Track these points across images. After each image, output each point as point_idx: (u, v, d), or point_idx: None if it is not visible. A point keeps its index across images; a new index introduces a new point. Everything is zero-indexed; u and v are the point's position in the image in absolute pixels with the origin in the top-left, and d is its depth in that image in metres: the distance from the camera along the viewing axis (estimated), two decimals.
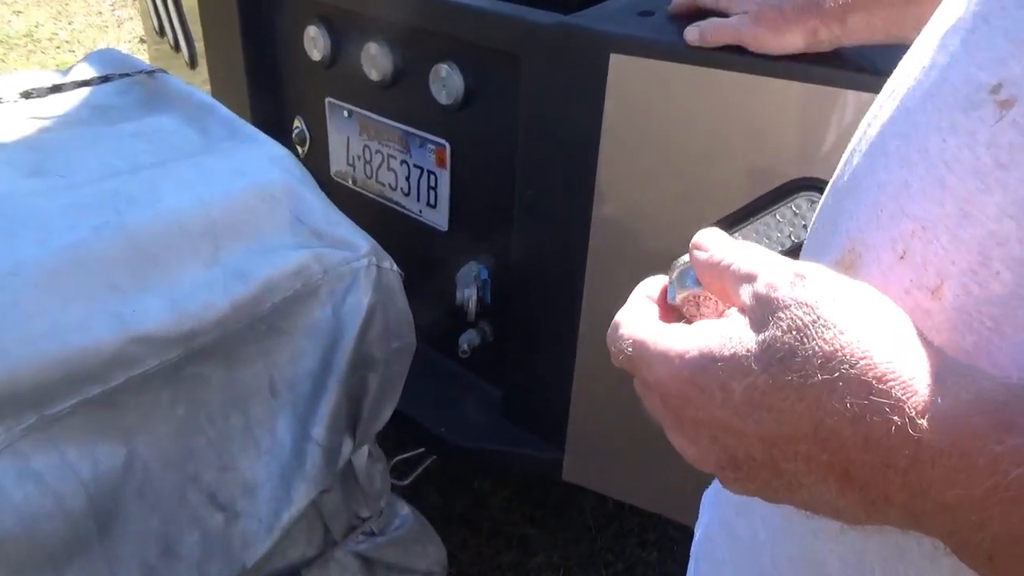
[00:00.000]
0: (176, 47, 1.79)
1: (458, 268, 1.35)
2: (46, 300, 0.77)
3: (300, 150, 1.61)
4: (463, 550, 1.65)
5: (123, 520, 0.84)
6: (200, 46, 1.68)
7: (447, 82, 1.23)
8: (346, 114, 1.45)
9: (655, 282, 0.41)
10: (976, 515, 0.25)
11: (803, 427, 0.29)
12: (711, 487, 0.58)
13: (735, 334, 0.31)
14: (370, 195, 1.47)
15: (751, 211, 0.98)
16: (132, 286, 0.82)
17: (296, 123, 1.59)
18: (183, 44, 1.75)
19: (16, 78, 1.11)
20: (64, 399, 0.78)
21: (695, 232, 0.37)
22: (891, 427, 0.27)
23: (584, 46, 1.02)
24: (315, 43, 1.42)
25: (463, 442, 1.35)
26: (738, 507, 0.48)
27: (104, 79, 1.13)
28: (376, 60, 1.31)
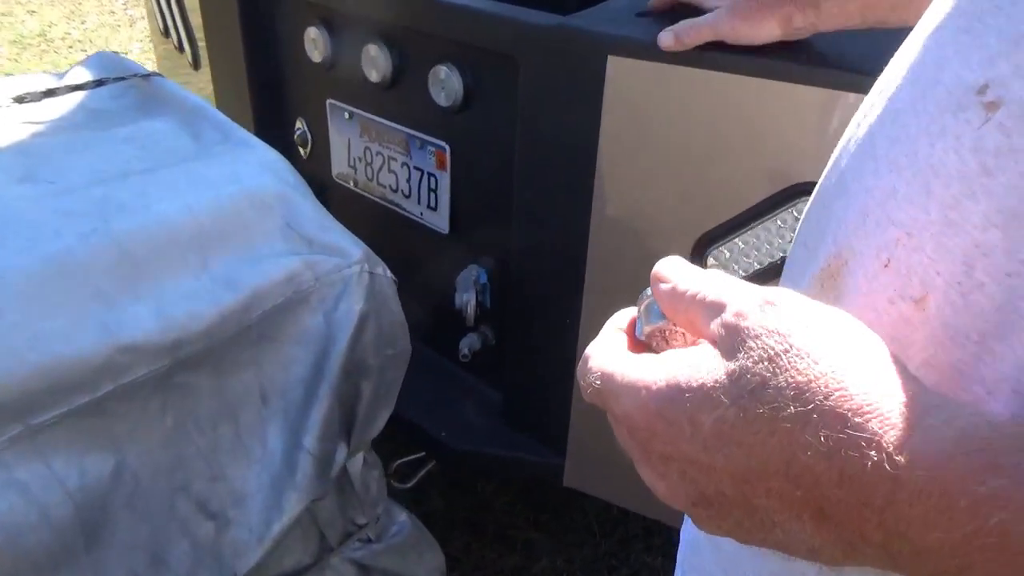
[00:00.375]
0: (180, 48, 1.79)
1: (460, 270, 1.34)
2: (31, 309, 0.77)
3: (302, 151, 1.60)
4: (466, 554, 1.64)
5: (111, 530, 0.84)
6: (203, 47, 1.68)
7: (446, 84, 1.22)
8: (347, 116, 1.44)
9: (626, 314, 0.39)
10: (956, 560, 0.24)
11: (775, 462, 0.27)
12: None
13: (704, 364, 0.30)
14: (372, 197, 1.46)
15: (750, 217, 0.97)
16: (119, 295, 0.81)
17: (298, 124, 1.58)
18: (187, 45, 1.75)
19: (10, 82, 1.11)
20: (50, 409, 0.78)
21: (696, 234, 0.36)
22: (867, 463, 0.25)
23: (582, 48, 1.00)
24: (315, 44, 1.41)
25: (463, 446, 1.34)
26: None
27: (99, 83, 1.12)
28: (376, 61, 1.30)
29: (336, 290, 0.95)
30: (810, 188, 0.95)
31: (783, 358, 0.27)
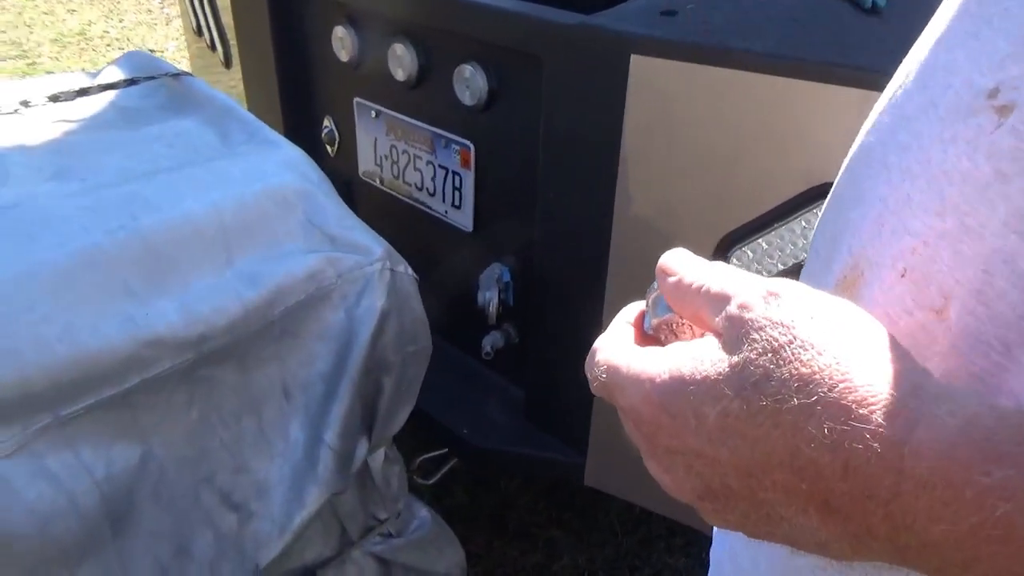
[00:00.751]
0: (212, 47, 1.82)
1: (483, 268, 1.34)
2: (60, 303, 0.79)
3: (330, 149, 1.62)
4: (488, 551, 1.65)
5: (137, 519, 0.85)
6: (234, 46, 1.71)
7: (471, 83, 1.22)
8: (373, 114, 1.45)
9: (635, 308, 0.39)
10: (962, 554, 0.23)
11: (779, 454, 0.27)
12: None
13: (707, 356, 0.30)
14: (397, 195, 1.47)
15: (774, 217, 0.96)
16: (145, 289, 0.83)
17: (326, 123, 1.60)
18: (218, 44, 1.77)
19: (46, 81, 1.14)
20: (78, 400, 0.80)
21: (719, 234, 0.36)
22: (871, 455, 0.25)
23: (605, 47, 1.00)
24: (343, 44, 1.43)
25: (485, 444, 1.35)
26: (745, 540, 0.46)
27: (130, 82, 1.15)
28: (402, 60, 1.31)
29: (358, 287, 0.96)
30: None
31: (787, 350, 0.27)
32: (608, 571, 1.64)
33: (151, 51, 3.74)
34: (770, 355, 0.27)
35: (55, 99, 1.08)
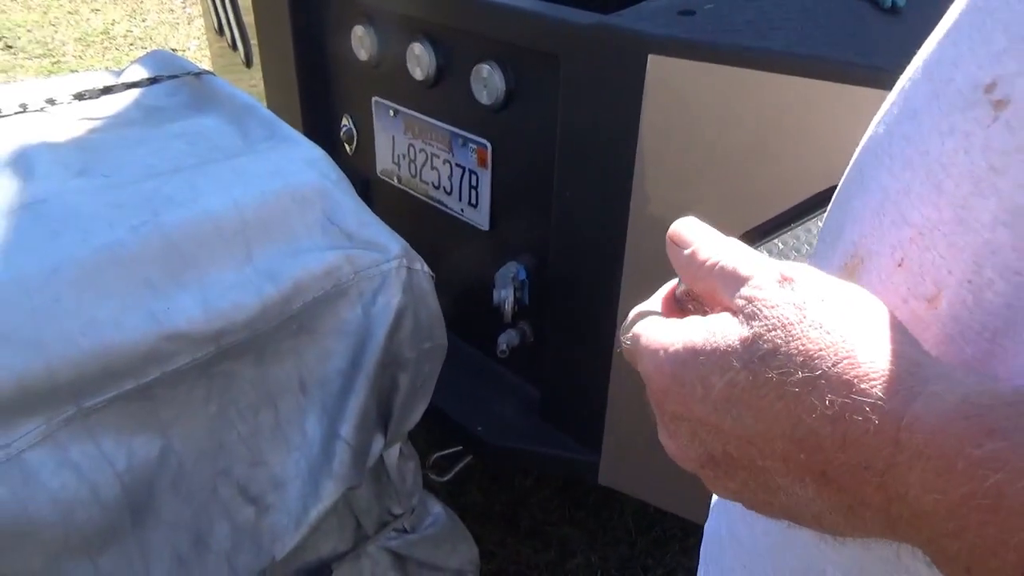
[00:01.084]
0: (234, 46, 1.84)
1: (499, 267, 1.35)
2: (84, 297, 0.80)
3: (348, 148, 1.63)
4: (501, 548, 1.65)
5: (156, 510, 0.87)
6: (255, 46, 1.72)
7: (488, 82, 1.23)
8: (392, 113, 1.46)
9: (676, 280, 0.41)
10: (953, 523, 0.24)
11: (781, 425, 0.28)
12: None
13: (720, 329, 0.31)
14: (414, 194, 1.48)
15: (790, 217, 0.96)
16: (167, 285, 0.85)
17: (344, 121, 1.62)
18: (239, 44, 1.79)
19: (72, 80, 1.16)
20: (101, 392, 0.81)
21: (735, 234, 0.37)
22: (870, 427, 0.26)
23: (622, 46, 1.00)
24: (362, 43, 1.44)
25: (499, 442, 1.36)
26: (743, 515, 0.47)
27: (153, 80, 1.16)
28: (420, 60, 1.32)
29: (374, 284, 0.97)
30: None
31: (796, 327, 0.28)
32: (621, 570, 1.64)
33: (173, 50, 3.79)
34: (779, 331, 0.29)
35: (80, 97, 1.09)
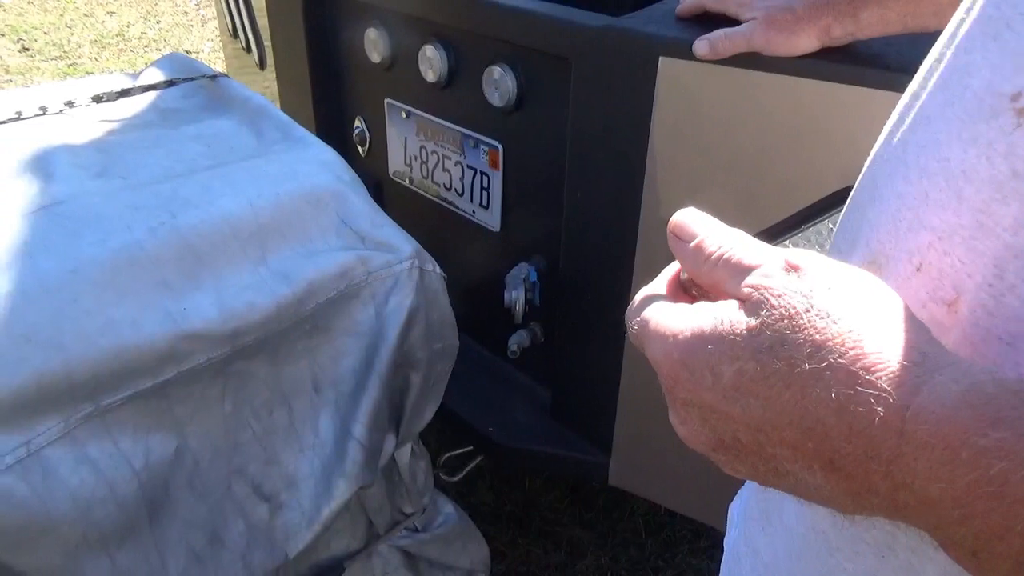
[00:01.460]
0: (247, 48, 1.86)
1: (510, 268, 1.36)
2: (103, 297, 0.82)
3: (361, 149, 1.64)
4: (512, 548, 1.66)
5: (172, 508, 0.88)
6: (269, 48, 1.74)
7: (500, 84, 1.24)
8: (404, 115, 1.47)
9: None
10: (959, 510, 0.25)
11: (789, 415, 0.28)
12: (735, 502, 0.57)
13: (728, 317, 0.31)
14: (426, 195, 1.49)
15: (801, 220, 0.96)
16: (183, 285, 0.86)
17: (357, 123, 1.63)
18: (253, 46, 1.81)
19: (89, 82, 1.17)
20: (118, 390, 0.82)
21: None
22: (875, 418, 0.26)
23: (634, 49, 1.01)
24: (374, 45, 1.45)
25: (510, 442, 1.36)
26: (762, 525, 0.47)
27: (170, 83, 1.18)
28: (432, 62, 1.33)
29: (387, 285, 0.98)
30: None
31: (803, 317, 0.29)
32: (631, 571, 1.64)
33: (187, 52, 3.81)
34: (786, 321, 0.29)
35: (98, 100, 1.11)
